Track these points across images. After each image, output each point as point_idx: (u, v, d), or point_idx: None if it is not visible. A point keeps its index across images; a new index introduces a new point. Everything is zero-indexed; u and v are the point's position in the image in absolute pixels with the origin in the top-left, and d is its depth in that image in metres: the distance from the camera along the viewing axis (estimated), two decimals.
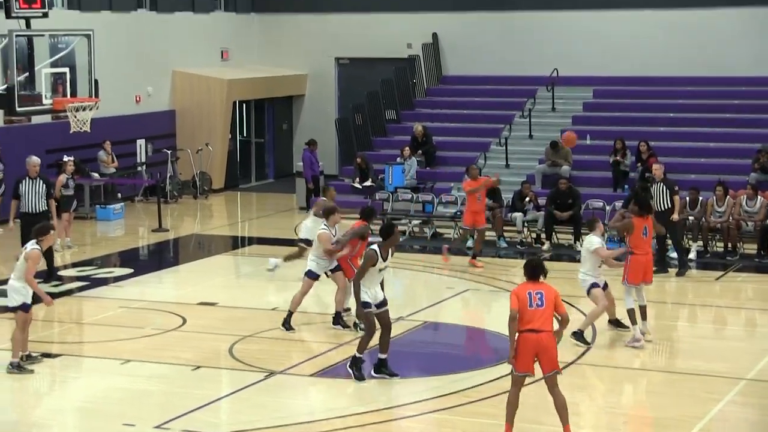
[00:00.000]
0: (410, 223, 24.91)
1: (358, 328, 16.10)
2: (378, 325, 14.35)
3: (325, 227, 16.69)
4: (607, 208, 23.65)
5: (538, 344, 11.83)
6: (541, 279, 12.10)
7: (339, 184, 28.21)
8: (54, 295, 18.92)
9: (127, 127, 28.77)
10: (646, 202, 16.83)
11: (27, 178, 20.19)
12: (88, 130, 19.25)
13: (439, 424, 13.09)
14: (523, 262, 21.65)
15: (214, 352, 15.73)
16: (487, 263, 21.45)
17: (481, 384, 14.27)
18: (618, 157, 25.52)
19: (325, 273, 16.78)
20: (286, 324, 16.57)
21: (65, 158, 23.60)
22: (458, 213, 24.06)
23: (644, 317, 16.00)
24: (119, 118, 28.16)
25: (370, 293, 14.23)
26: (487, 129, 28.74)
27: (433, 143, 28.08)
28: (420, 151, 27.62)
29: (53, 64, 19.23)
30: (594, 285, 15.95)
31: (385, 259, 14.21)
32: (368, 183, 26.89)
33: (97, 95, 19.22)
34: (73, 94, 19.28)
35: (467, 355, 16.02)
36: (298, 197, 28.53)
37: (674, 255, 21.10)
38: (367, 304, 14.21)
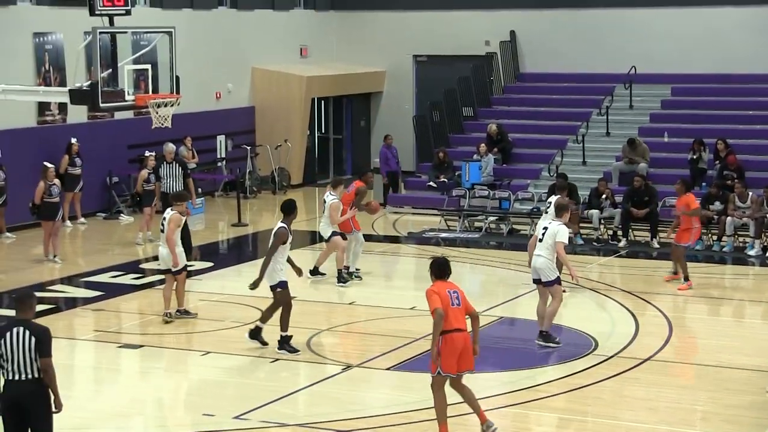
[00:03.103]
0: (487, 219, 24.88)
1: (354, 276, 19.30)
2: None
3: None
4: None
5: (464, 343, 11.84)
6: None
7: (416, 181, 28.36)
8: (137, 288, 19.27)
9: (207, 123, 29.06)
10: None
11: (165, 163, 22.63)
12: (170, 126, 19.44)
13: (512, 418, 13.08)
14: (599, 258, 21.68)
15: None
16: None
17: (554, 379, 14.26)
18: (696, 155, 25.30)
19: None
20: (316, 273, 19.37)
21: (147, 153, 23.88)
22: (535, 210, 24.03)
23: None
24: (200, 115, 28.46)
25: (285, 272, 15.30)
26: (564, 126, 28.64)
27: (510, 141, 28.03)
28: (496, 149, 27.60)
29: (135, 61, 19.44)
30: (559, 280, 15.66)
31: (291, 234, 15.36)
32: (444, 179, 26.89)
33: (178, 91, 19.39)
34: (155, 90, 19.48)
35: (542, 351, 15.94)
36: (374, 193, 28.56)
37: None
38: (284, 284, 15.23)
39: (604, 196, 23.61)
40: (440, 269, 12.13)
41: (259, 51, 31.27)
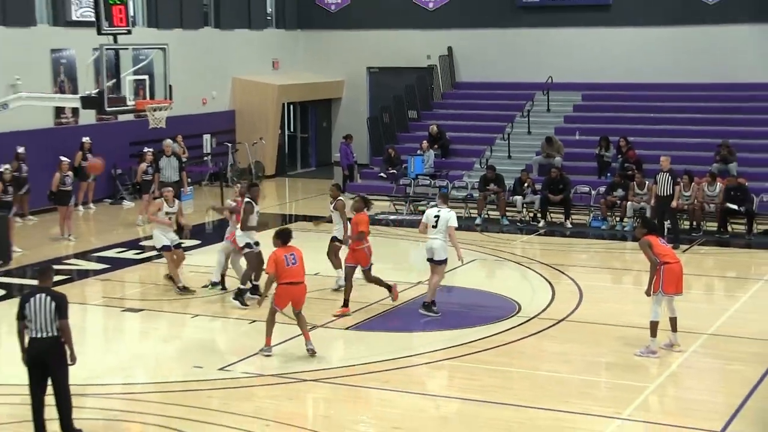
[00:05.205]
0: (428, 204, 24.94)
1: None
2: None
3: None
4: (593, 192, 23.78)
5: (295, 293, 13.24)
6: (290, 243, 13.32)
7: (369, 172, 28.45)
8: (137, 261, 19.25)
9: (195, 124, 28.94)
10: (652, 223, 14.75)
11: (164, 156, 22.50)
12: (164, 126, 19.39)
13: (448, 370, 13.25)
14: (522, 236, 21.87)
15: (266, 309, 15.83)
16: (493, 238, 21.59)
17: (485, 337, 14.41)
18: (601, 151, 25.55)
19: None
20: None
21: (145, 149, 23.81)
22: (469, 196, 24.17)
23: (675, 329, 13.77)
24: (189, 117, 28.33)
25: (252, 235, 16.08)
26: (493, 126, 28.77)
27: (447, 138, 28.15)
28: (436, 145, 27.72)
29: (135, 73, 19.38)
30: (446, 261, 15.60)
31: (256, 204, 16.20)
32: (393, 171, 27.09)
33: (171, 98, 19.33)
34: (152, 96, 19.41)
35: (474, 313, 16.13)
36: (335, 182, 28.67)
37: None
38: (250, 245, 15.98)
39: (526, 184, 23.79)
40: (283, 237, 13.32)
41: (238, 64, 31.18)
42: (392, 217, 24.50)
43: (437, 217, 15.65)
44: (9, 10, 24.23)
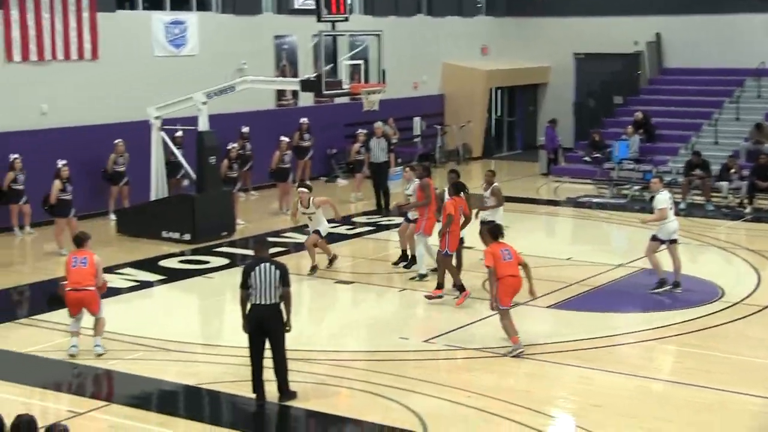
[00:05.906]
0: (632, 188, 24.39)
1: None
2: None
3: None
4: None
5: (516, 285, 12.45)
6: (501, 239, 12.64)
7: (574, 156, 28.02)
8: (349, 237, 19.60)
9: (406, 107, 29.19)
10: None
11: (374, 137, 22.96)
12: (377, 109, 19.66)
13: (651, 350, 12.91)
14: (727, 222, 21.03)
15: (470, 287, 15.80)
16: (696, 223, 20.86)
17: (687, 320, 13.98)
18: None
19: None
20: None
21: (359, 131, 24.25)
22: (673, 181, 23.40)
23: None
24: (401, 100, 28.60)
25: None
26: (700, 112, 27.77)
27: (652, 125, 27.36)
28: (641, 130, 26.99)
29: (351, 58, 19.74)
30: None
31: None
32: (598, 155, 26.56)
33: (384, 82, 19.58)
34: (366, 81, 19.73)
35: (678, 296, 15.62)
36: (540, 165, 28.36)
37: None
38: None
39: (732, 170, 22.87)
40: (495, 233, 12.69)
41: (448, 50, 31.26)
42: (596, 200, 24.03)
43: (671, 199, 15.62)
44: (238, 0, 25.14)
